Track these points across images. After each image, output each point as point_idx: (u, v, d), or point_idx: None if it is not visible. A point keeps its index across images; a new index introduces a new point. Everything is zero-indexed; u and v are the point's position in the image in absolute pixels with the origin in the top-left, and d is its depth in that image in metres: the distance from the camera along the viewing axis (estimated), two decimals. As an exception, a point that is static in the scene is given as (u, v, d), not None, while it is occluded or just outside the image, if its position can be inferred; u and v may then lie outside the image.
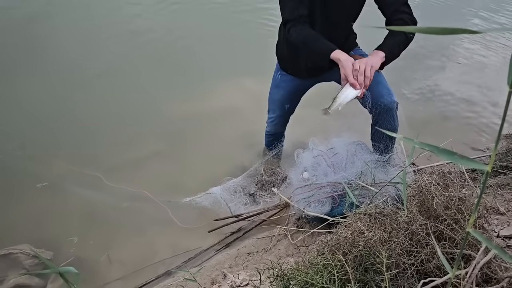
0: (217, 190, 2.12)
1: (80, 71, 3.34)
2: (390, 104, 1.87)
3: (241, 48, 3.83)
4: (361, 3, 1.83)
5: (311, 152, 1.93)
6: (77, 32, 3.91)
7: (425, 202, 1.35)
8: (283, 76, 2.07)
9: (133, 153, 2.64)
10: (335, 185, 1.74)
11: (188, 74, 3.44)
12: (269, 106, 2.28)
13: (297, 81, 2.05)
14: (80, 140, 2.73)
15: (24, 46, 3.64)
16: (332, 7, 1.76)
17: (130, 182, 2.40)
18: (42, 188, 2.36)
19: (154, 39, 3.88)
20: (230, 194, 2.11)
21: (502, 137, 2.90)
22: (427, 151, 2.68)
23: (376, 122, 1.97)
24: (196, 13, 4.49)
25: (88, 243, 2.10)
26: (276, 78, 2.12)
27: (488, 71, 3.90)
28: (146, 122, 2.92)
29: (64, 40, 3.74)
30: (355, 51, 2.02)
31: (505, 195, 1.96)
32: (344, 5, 1.78)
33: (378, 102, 1.87)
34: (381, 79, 1.93)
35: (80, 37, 3.84)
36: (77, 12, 4.26)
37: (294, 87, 2.09)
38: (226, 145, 2.73)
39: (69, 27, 3.98)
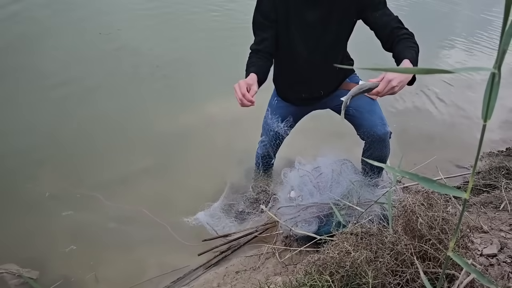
0: (202, 216, 2.13)
1: (66, 88, 3.33)
2: (384, 135, 1.91)
3: (231, 64, 3.86)
4: (348, 33, 1.84)
5: (298, 172, 1.95)
6: (62, 50, 3.90)
7: (410, 222, 1.38)
8: (279, 102, 2.10)
9: (122, 170, 2.63)
10: (320, 205, 1.76)
11: (177, 90, 3.47)
12: (262, 129, 2.30)
13: (292, 107, 2.08)
14: (69, 158, 2.71)
15: (12, 61, 3.63)
16: (313, 38, 1.77)
17: (122, 200, 2.40)
18: (29, 206, 2.33)
19: (141, 54, 3.90)
20: (216, 218, 2.12)
21: (485, 155, 2.97)
22: (414, 168, 2.74)
23: (368, 148, 2.01)
24: (185, 28, 4.54)
25: (75, 262, 2.07)
26: (272, 104, 2.14)
27: (473, 89, 3.99)
28: (135, 139, 2.92)
29: (49, 59, 3.73)
30: (351, 79, 2.04)
31: (488, 213, 2.00)
32: (329, 37, 1.79)
33: (371, 132, 1.91)
34: (375, 107, 1.95)
35: (65, 56, 3.82)
36: (62, 31, 4.26)
37: (289, 114, 2.11)
38: (216, 161, 2.74)
39: (54, 44, 3.98)
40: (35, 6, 4.61)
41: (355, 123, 1.98)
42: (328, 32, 1.77)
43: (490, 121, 0.62)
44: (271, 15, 1.69)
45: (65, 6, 4.72)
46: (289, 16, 1.68)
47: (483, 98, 0.62)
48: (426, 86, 3.96)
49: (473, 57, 4.94)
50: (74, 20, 4.45)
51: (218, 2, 5.38)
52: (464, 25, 5.92)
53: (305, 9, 1.70)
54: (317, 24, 1.74)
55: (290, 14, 1.68)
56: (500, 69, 0.58)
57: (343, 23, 1.78)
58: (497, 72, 0.56)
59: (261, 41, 1.77)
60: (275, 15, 1.68)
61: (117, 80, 3.54)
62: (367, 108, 1.93)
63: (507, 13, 0.56)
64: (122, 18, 4.59)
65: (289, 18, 1.69)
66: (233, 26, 4.55)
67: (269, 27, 1.74)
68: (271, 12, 1.68)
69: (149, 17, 4.72)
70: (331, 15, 1.73)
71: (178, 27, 4.58)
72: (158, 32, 4.43)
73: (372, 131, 1.90)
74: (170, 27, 4.57)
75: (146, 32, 4.41)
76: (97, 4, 4.86)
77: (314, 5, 1.69)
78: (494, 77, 0.56)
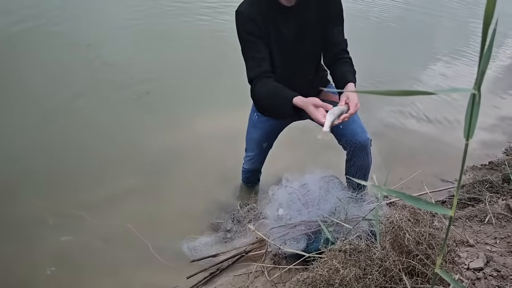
0: (186, 249, 2.11)
1: (50, 108, 3.30)
2: (364, 142, 1.93)
3: (215, 81, 3.88)
4: (321, 44, 1.88)
5: (285, 189, 1.95)
6: (44, 70, 3.86)
7: (397, 237, 1.38)
8: (259, 117, 2.10)
9: (108, 189, 2.59)
10: (309, 223, 1.76)
11: (164, 107, 3.45)
12: (246, 145, 2.31)
13: (273, 121, 2.09)
14: (51, 177, 2.67)
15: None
16: (291, 52, 1.80)
17: (108, 219, 2.36)
18: (9, 227, 2.28)
19: (128, 72, 3.88)
20: (200, 250, 2.10)
21: (469, 169, 3.02)
22: (400, 183, 2.77)
23: (350, 158, 2.03)
24: (171, 43, 4.54)
25: (57, 285, 2.03)
26: (252, 119, 2.15)
27: (456, 101, 4.06)
28: (121, 157, 2.88)
29: (32, 78, 3.70)
30: (328, 88, 2.09)
31: (474, 226, 2.03)
32: (304, 49, 1.82)
33: (352, 140, 1.93)
34: (355, 117, 1.99)
35: (48, 72, 3.79)
36: (47, 49, 4.24)
37: (271, 126, 2.13)
38: (203, 179, 2.73)
39: (36, 63, 3.95)
40: (21, 20, 4.59)
41: (337, 132, 2.01)
42: (304, 45, 1.81)
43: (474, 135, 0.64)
44: (256, 32, 1.69)
45: (48, 21, 4.70)
46: (269, 31, 1.71)
47: (465, 117, 0.63)
48: (409, 100, 4.02)
49: (458, 67, 5.05)
50: (58, 34, 4.44)
51: (208, 14, 5.40)
52: (449, 37, 6.06)
53: (282, 24, 1.73)
54: (293, 38, 1.78)
55: (269, 29, 1.70)
56: (479, 90, 0.60)
57: (317, 35, 1.82)
58: (477, 92, 0.57)
59: (260, 63, 1.72)
60: (259, 31, 1.69)
61: (104, 97, 3.52)
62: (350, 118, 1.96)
63: (484, 35, 0.58)
64: (107, 34, 4.58)
65: (269, 34, 1.71)
66: (221, 39, 4.55)
67: (261, 44, 1.72)
68: (255, 29, 1.68)
69: (136, 32, 4.72)
70: (306, 28, 1.77)
71: (165, 42, 4.58)
72: (145, 48, 4.42)
73: (354, 139, 1.92)
74: (156, 42, 4.56)
75: (133, 48, 4.40)
76: (82, 20, 4.84)
77: (290, 20, 1.73)
78: (474, 98, 0.58)
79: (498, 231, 1.94)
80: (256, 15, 1.66)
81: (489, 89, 4.61)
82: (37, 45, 4.25)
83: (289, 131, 2.27)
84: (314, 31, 1.80)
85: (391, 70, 4.62)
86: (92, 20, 4.93)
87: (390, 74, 4.54)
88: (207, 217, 2.40)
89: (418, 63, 5.06)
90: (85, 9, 5.19)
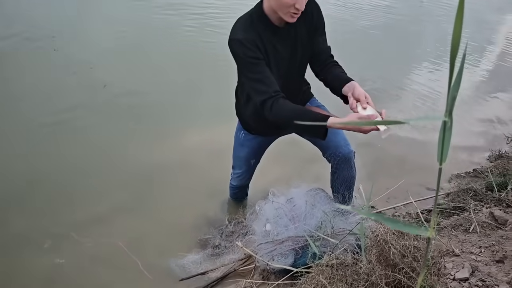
0: (175, 267, 2.11)
1: (36, 123, 3.27)
2: (348, 154, 1.95)
3: (201, 96, 3.88)
4: (308, 58, 1.90)
5: (272, 204, 1.96)
6: (30, 86, 3.84)
7: (383, 251, 1.40)
8: (246, 135, 2.10)
9: (97, 207, 2.56)
10: (296, 238, 1.77)
11: (150, 123, 3.44)
12: (234, 162, 2.31)
13: (260, 138, 2.10)
14: (40, 197, 2.63)
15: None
16: (285, 68, 1.81)
17: (97, 237, 2.34)
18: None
19: (113, 87, 3.86)
20: (188, 268, 2.10)
21: (453, 176, 3.06)
22: (386, 193, 2.79)
23: (335, 171, 2.05)
24: (156, 61, 4.54)
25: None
26: (239, 137, 2.14)
27: (442, 109, 4.13)
28: (109, 173, 2.85)
29: (16, 94, 3.67)
30: (311, 102, 2.10)
31: (459, 235, 2.05)
32: (295, 65, 1.85)
33: (336, 152, 1.95)
34: (338, 130, 2.01)
35: (32, 93, 3.75)
36: (30, 64, 4.22)
37: (259, 144, 2.13)
38: (190, 194, 2.71)
39: (20, 78, 3.92)
40: (5, 37, 4.57)
41: (321, 145, 2.03)
42: (296, 61, 1.84)
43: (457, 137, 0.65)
44: (259, 55, 1.67)
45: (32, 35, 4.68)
46: (268, 52, 1.71)
47: (438, 141, 0.65)
48: (396, 108, 4.08)
49: (442, 72, 5.14)
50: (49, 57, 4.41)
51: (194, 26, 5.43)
52: (432, 43, 6.16)
53: (277, 43, 1.74)
54: (288, 55, 1.79)
55: (268, 50, 1.70)
56: (451, 116, 0.61)
57: (307, 49, 1.85)
58: (448, 119, 0.59)
59: (269, 84, 1.67)
60: (261, 54, 1.67)
61: (90, 113, 3.49)
62: (331, 130, 1.98)
63: (452, 64, 0.59)
64: (96, 55, 4.55)
65: (268, 55, 1.71)
66: (208, 54, 4.56)
67: (264, 65, 1.69)
68: (258, 52, 1.66)
69: (122, 47, 4.70)
70: (297, 44, 1.79)
71: (151, 58, 4.57)
72: (132, 63, 4.40)
73: (338, 152, 1.94)
74: (143, 57, 4.56)
75: (119, 63, 4.37)
76: (70, 37, 4.82)
77: (284, 38, 1.74)
78: (445, 124, 0.59)
79: (482, 239, 1.97)
80: (255, 39, 1.65)
81: (473, 94, 4.71)
82: (21, 62, 4.22)
83: (275, 144, 2.28)
84: (304, 46, 1.83)
85: (379, 77, 4.67)
86: (79, 36, 4.92)
87: (377, 82, 4.59)
88: (195, 233, 2.39)
89: (403, 69, 5.14)
90: (72, 25, 5.18)
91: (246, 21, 1.68)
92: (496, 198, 2.33)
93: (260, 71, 1.67)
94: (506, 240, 1.90)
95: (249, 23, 1.67)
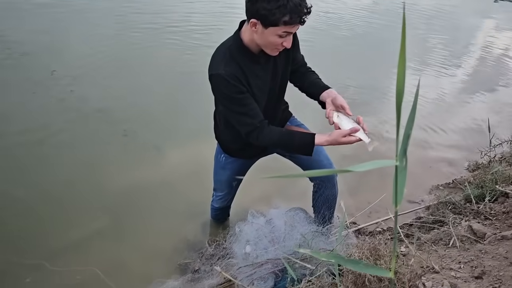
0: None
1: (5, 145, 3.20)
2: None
3: (178, 115, 3.84)
4: (287, 79, 1.90)
5: (252, 225, 1.94)
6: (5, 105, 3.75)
7: (359, 276, 1.38)
8: (227, 158, 2.07)
9: (73, 233, 2.49)
10: (275, 261, 1.75)
11: (126, 143, 3.37)
12: (215, 185, 2.28)
13: (241, 160, 2.07)
14: (13, 225, 2.55)
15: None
16: (267, 93, 1.80)
17: (74, 265, 2.26)
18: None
19: (88, 105, 3.79)
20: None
21: (434, 188, 3.08)
22: (368, 207, 2.79)
23: (317, 190, 2.04)
24: (139, 78, 4.49)
25: None
26: (220, 160, 2.11)
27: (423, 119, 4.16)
28: (84, 199, 2.78)
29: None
30: (291, 121, 2.10)
31: (439, 250, 2.05)
32: (276, 87, 1.83)
33: None
34: (320, 148, 2.00)
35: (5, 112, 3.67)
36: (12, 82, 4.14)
37: (240, 166, 2.10)
38: (169, 217, 2.67)
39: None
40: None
41: (304, 164, 2.02)
42: (277, 84, 1.83)
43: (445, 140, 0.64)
44: (243, 88, 1.64)
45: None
46: (250, 83, 1.68)
47: (393, 183, 0.64)
48: (378, 120, 4.10)
49: (423, 78, 5.21)
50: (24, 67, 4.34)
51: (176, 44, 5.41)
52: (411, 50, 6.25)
53: (259, 70, 1.72)
54: (269, 80, 1.78)
55: (250, 81, 1.68)
56: (403, 158, 0.60)
57: (286, 71, 1.84)
58: (399, 164, 0.58)
59: (254, 115, 1.67)
60: (244, 87, 1.65)
61: (66, 132, 3.41)
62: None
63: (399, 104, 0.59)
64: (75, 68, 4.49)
65: (250, 85, 1.68)
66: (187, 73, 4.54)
67: (248, 98, 1.68)
68: (241, 86, 1.64)
69: (101, 65, 4.65)
70: (277, 68, 1.78)
71: (134, 77, 4.52)
72: (112, 83, 4.34)
73: None
74: (125, 77, 4.50)
75: (94, 80, 4.32)
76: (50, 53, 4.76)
77: (265, 64, 1.73)
78: (397, 169, 0.58)
79: (462, 254, 1.97)
80: (237, 73, 1.62)
81: (454, 99, 4.79)
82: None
83: (257, 163, 2.25)
84: (284, 69, 1.82)
85: (362, 86, 4.72)
86: (58, 53, 4.85)
87: (360, 90, 4.63)
88: (175, 257, 2.35)
89: (383, 76, 5.20)
90: (52, 42, 5.10)
91: (225, 54, 1.64)
92: (475, 211, 2.34)
93: (244, 104, 1.66)
94: (484, 255, 1.91)
95: (228, 56, 1.63)
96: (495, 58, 6.48)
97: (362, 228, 2.44)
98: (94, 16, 6.10)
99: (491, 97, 5.05)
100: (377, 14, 8.00)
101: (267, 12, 1.46)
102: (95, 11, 6.35)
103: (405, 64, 0.50)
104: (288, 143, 1.72)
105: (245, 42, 1.64)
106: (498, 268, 1.78)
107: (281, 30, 1.50)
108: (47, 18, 5.81)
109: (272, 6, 1.44)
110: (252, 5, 1.49)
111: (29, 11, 5.98)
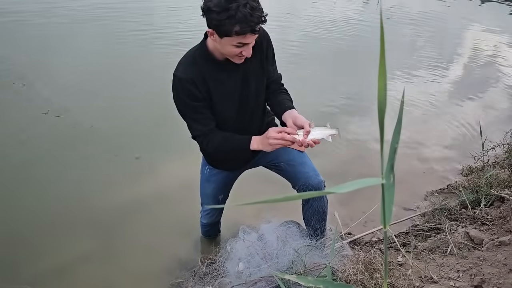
0: None
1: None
2: (318, 184, 1.90)
3: (164, 129, 3.75)
4: (264, 86, 1.85)
5: (243, 242, 1.88)
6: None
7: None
8: (211, 170, 2.03)
9: (58, 256, 2.41)
10: (269, 278, 1.69)
11: (114, 158, 3.29)
12: (202, 199, 2.22)
13: (225, 172, 2.02)
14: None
15: None
16: (238, 102, 1.76)
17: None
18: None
19: (73, 123, 3.72)
20: None
21: (429, 194, 3.04)
22: (364, 216, 2.74)
23: (306, 203, 1.99)
24: (123, 92, 4.43)
25: None
26: (204, 173, 2.07)
27: (415, 124, 4.14)
28: (70, 219, 2.67)
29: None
30: None
31: (437, 259, 2.00)
32: (250, 96, 1.78)
33: (306, 184, 1.89)
34: (305, 159, 1.96)
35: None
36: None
37: (224, 178, 2.06)
38: (160, 235, 2.59)
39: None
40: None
41: (290, 177, 1.98)
42: (250, 92, 1.78)
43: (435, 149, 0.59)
44: (197, 95, 1.63)
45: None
46: (211, 91, 1.66)
47: (381, 204, 0.59)
48: (371, 128, 4.06)
49: (413, 83, 5.21)
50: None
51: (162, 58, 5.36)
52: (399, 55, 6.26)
53: (225, 78, 1.69)
54: (239, 88, 1.74)
55: (211, 88, 1.65)
56: (390, 175, 0.56)
57: (261, 78, 1.80)
58: (386, 182, 0.53)
59: (203, 123, 1.69)
60: (199, 94, 1.63)
61: (52, 153, 3.32)
62: (299, 161, 1.94)
63: (381, 117, 0.55)
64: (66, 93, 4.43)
65: (210, 93, 1.66)
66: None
67: (202, 107, 1.67)
68: (196, 92, 1.62)
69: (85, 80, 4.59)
70: (248, 75, 1.74)
71: (118, 89, 4.47)
72: (98, 100, 4.26)
73: (307, 183, 1.89)
74: (113, 90, 4.45)
75: (77, 96, 4.24)
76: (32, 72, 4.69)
77: (233, 72, 1.69)
78: (383, 187, 0.54)
79: (460, 262, 1.92)
80: (196, 78, 1.60)
81: (444, 103, 4.78)
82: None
83: (244, 178, 2.20)
84: (258, 76, 1.78)
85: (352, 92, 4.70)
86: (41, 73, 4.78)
87: (349, 97, 4.61)
88: (166, 277, 2.27)
89: (373, 83, 5.18)
90: (34, 61, 5.04)
91: (188, 58, 1.66)
92: (471, 216, 2.30)
93: (198, 112, 1.68)
94: (483, 262, 1.86)
95: (191, 60, 1.65)
96: (483, 60, 6.50)
97: (358, 238, 2.39)
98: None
99: (480, 101, 5.05)
100: (366, 17, 8.05)
101: (217, 22, 1.45)
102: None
103: (386, 78, 0.46)
104: (227, 147, 1.72)
105: (210, 48, 1.64)
106: (497, 275, 1.74)
107: (235, 41, 1.49)
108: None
109: (222, 17, 1.43)
110: (206, 15, 1.49)
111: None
